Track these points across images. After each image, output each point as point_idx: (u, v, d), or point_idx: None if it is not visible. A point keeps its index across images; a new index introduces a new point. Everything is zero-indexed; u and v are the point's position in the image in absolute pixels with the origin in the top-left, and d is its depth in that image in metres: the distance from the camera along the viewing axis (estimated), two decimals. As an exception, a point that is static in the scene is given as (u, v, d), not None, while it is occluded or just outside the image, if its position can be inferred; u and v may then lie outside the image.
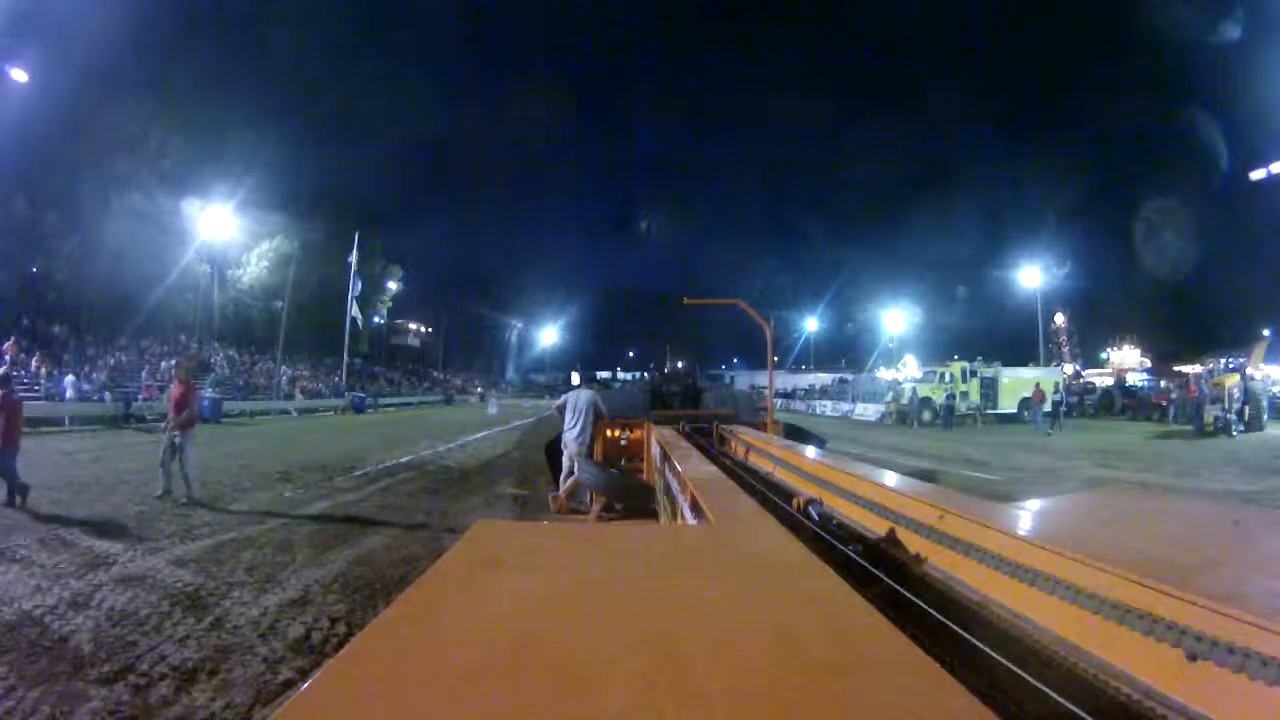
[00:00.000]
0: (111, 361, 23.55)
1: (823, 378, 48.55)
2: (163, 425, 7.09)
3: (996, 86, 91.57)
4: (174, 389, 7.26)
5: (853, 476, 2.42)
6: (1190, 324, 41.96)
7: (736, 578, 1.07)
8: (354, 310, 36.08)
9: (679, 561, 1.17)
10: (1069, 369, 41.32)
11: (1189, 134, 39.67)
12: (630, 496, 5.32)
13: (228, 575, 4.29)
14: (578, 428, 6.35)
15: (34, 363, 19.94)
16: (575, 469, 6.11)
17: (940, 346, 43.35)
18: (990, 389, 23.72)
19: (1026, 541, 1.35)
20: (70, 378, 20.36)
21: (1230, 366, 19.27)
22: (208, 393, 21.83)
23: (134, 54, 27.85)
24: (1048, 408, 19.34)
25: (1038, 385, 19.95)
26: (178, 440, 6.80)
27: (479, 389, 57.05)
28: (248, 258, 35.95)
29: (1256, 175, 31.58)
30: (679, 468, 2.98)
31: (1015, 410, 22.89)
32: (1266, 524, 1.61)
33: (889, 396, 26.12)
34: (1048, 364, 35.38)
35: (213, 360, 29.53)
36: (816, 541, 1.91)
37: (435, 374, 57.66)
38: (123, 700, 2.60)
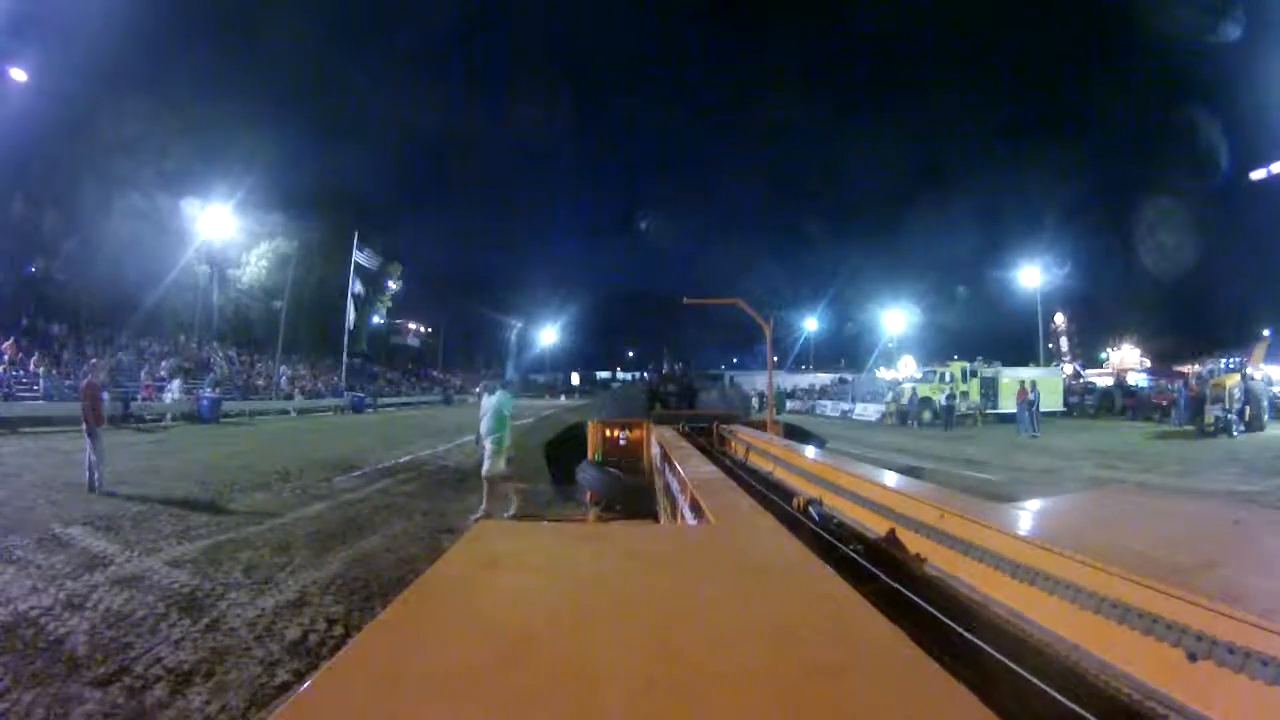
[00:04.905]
0: (111, 361, 23.54)
1: (822, 378, 48.52)
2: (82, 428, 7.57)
3: (996, 86, 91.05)
4: (81, 391, 7.90)
5: (853, 476, 2.42)
6: (1190, 324, 41.89)
7: (736, 578, 1.07)
8: (353, 310, 36.13)
9: (679, 561, 1.16)
10: (1069, 369, 41.31)
11: (1189, 134, 39.68)
12: (629, 497, 5.32)
13: (224, 577, 4.28)
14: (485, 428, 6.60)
15: (33, 363, 19.92)
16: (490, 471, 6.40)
17: (940, 346, 43.41)
18: (990, 389, 23.70)
19: (1026, 541, 1.34)
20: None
21: (1230, 366, 19.30)
22: (206, 393, 21.84)
23: (133, 53, 27.85)
24: (1055, 406, 18.98)
25: (1021, 384, 19.26)
26: (89, 436, 7.35)
27: (479, 389, 56.99)
28: (247, 257, 35.94)
29: (1256, 175, 31.66)
30: (679, 468, 2.97)
31: (1015, 410, 22.89)
32: (1267, 524, 1.61)
33: (889, 396, 26.11)
34: (1048, 364, 35.41)
35: (212, 360, 29.52)
36: (816, 541, 1.91)
37: (435, 374, 57.63)
38: (117, 703, 2.60)
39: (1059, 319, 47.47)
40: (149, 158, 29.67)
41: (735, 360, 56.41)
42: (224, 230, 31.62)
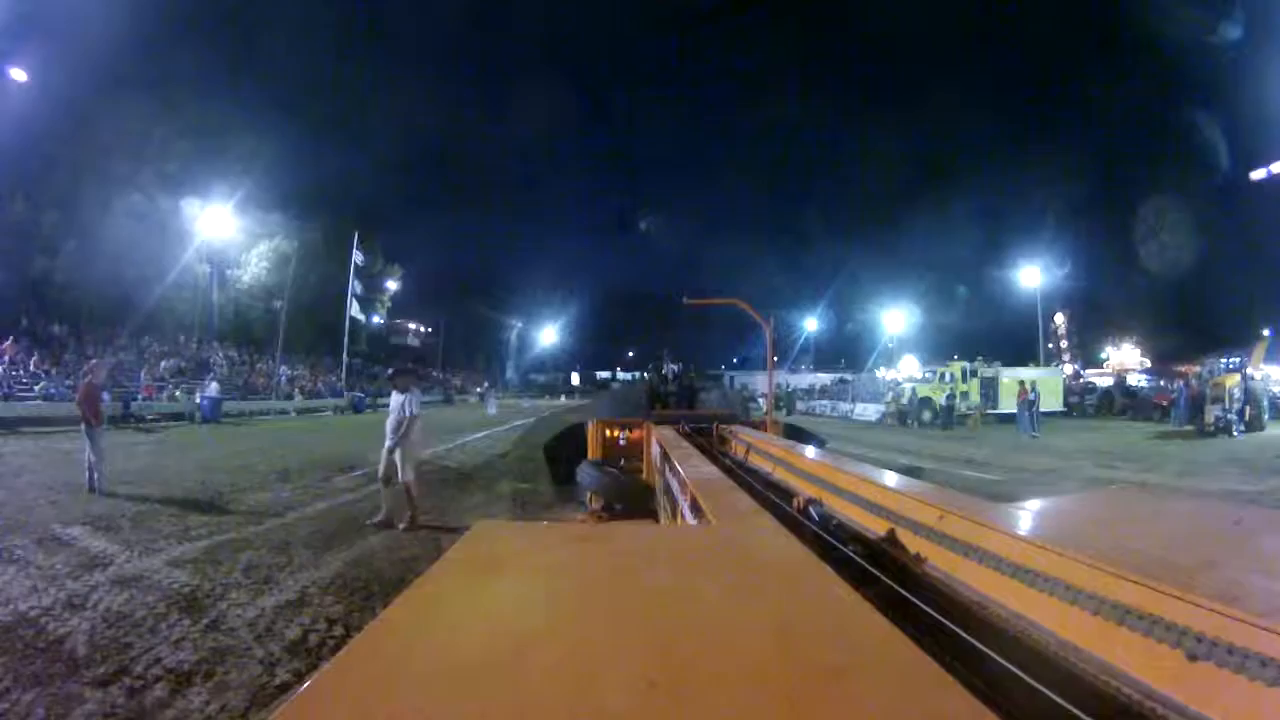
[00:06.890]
0: (111, 361, 23.54)
1: (823, 378, 48.51)
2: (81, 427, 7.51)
3: (996, 86, 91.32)
4: (80, 391, 7.87)
5: (853, 476, 2.41)
6: (1190, 324, 41.82)
7: (736, 578, 1.07)
8: (353, 309, 36.15)
9: (679, 561, 1.16)
10: (1069, 369, 41.32)
11: (1189, 134, 39.66)
12: (629, 497, 5.31)
13: (224, 577, 4.28)
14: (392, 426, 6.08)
15: (33, 363, 19.93)
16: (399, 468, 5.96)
17: (940, 346, 43.43)
18: (990, 389, 23.71)
19: (1026, 542, 1.34)
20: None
21: (1230, 366, 19.29)
22: (207, 393, 21.85)
23: (134, 54, 27.87)
24: (1055, 406, 18.89)
25: (1021, 384, 19.20)
26: (88, 437, 7.33)
27: (479, 389, 57.05)
28: (247, 257, 35.95)
29: (1256, 175, 31.67)
30: (679, 468, 2.97)
31: (1015, 410, 22.90)
32: (1267, 524, 1.61)
33: (889, 396, 26.11)
34: (1048, 364, 35.41)
35: (212, 360, 29.52)
36: (816, 541, 1.91)
37: (435, 374, 57.64)
38: (118, 703, 2.60)
39: (1059, 319, 47.46)
40: (149, 158, 29.69)
41: (735, 360, 56.52)
42: (224, 230, 31.62)
